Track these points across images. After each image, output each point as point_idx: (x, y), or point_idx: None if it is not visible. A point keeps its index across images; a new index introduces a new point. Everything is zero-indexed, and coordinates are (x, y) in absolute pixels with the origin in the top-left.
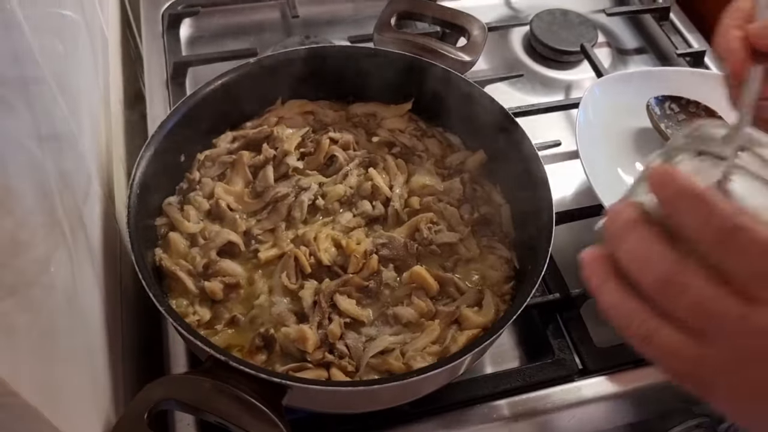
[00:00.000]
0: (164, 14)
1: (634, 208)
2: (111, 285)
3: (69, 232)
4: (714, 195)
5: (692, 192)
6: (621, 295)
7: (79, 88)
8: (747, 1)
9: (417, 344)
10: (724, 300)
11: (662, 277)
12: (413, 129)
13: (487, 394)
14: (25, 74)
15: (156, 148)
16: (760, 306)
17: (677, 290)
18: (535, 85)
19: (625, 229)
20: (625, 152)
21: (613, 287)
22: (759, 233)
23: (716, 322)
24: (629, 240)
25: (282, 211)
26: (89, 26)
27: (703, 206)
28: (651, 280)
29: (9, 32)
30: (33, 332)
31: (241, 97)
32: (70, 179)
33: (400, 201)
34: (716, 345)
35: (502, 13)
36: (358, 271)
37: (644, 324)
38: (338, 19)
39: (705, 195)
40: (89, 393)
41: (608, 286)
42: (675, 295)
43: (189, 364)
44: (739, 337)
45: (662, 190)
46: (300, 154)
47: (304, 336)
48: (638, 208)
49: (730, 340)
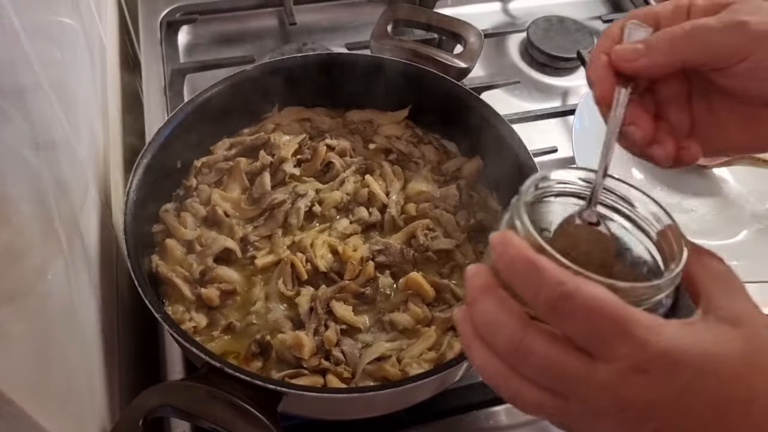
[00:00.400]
0: (162, 22)
1: (484, 272)
2: (107, 292)
3: (66, 239)
4: (543, 262)
5: (523, 260)
6: (485, 356)
7: (77, 96)
8: (617, 27)
9: (413, 351)
10: (568, 360)
11: (508, 342)
12: (410, 136)
13: (484, 401)
14: (22, 82)
15: (153, 155)
16: (599, 363)
17: (524, 354)
18: (531, 92)
19: (477, 294)
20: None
21: (479, 348)
22: (583, 297)
23: (565, 381)
24: (480, 306)
25: (279, 218)
26: (87, 34)
27: (534, 275)
28: (500, 345)
29: (6, 40)
30: (29, 340)
31: (238, 104)
32: (67, 187)
33: (396, 207)
34: (570, 400)
35: (498, 19)
36: (355, 277)
37: (508, 383)
38: (335, 26)
39: (535, 263)
40: (85, 400)
41: (474, 346)
42: (523, 359)
43: (185, 371)
44: (587, 392)
45: (499, 259)
46: (297, 161)
47: (300, 342)
48: (488, 273)
49: (579, 395)
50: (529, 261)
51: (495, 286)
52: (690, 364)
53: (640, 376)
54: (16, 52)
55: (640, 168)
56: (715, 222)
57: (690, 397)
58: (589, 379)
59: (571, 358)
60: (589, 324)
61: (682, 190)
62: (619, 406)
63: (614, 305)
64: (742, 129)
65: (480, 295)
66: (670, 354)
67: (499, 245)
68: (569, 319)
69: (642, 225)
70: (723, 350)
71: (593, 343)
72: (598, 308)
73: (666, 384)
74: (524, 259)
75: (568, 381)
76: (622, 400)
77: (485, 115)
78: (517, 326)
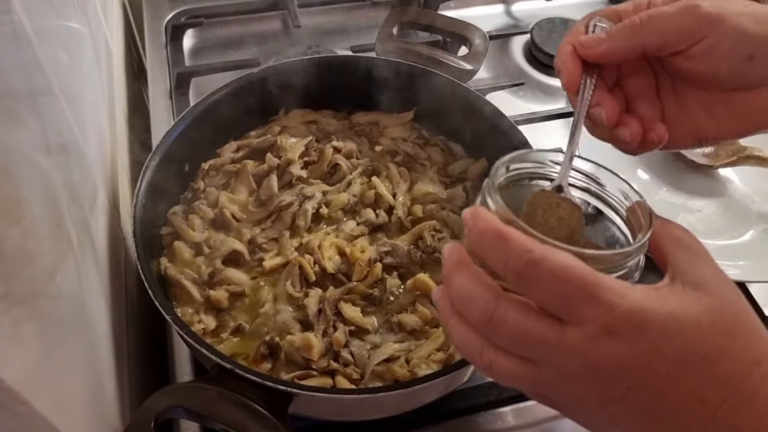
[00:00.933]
0: (167, 25)
1: (458, 250)
2: (116, 294)
3: (76, 242)
4: (511, 233)
5: (492, 232)
6: (462, 330)
7: (85, 100)
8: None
9: (421, 351)
10: (539, 327)
11: (482, 313)
12: (416, 137)
13: (492, 401)
14: (34, 86)
15: (161, 158)
16: (569, 327)
17: (496, 324)
18: (536, 93)
19: (451, 270)
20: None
21: (456, 323)
22: (550, 264)
23: (537, 347)
24: (454, 281)
25: (286, 220)
26: (94, 38)
27: (502, 245)
28: (474, 317)
29: (18, 44)
30: (41, 341)
31: (244, 106)
32: (77, 190)
33: (403, 209)
34: (543, 367)
35: (502, 21)
36: (363, 278)
37: (483, 355)
38: (340, 28)
39: (503, 233)
40: (96, 401)
41: (452, 322)
42: (496, 329)
43: (194, 373)
44: (558, 357)
45: (470, 233)
46: (303, 163)
47: (309, 344)
48: (462, 250)
49: (551, 361)
50: (498, 232)
51: (468, 261)
52: (656, 323)
53: (608, 338)
54: (28, 57)
55: (645, 169)
56: (721, 222)
57: (658, 355)
58: (559, 344)
59: (541, 325)
60: (557, 290)
61: (687, 191)
62: (590, 368)
63: (581, 271)
64: (709, 117)
65: (454, 271)
66: (637, 315)
67: (470, 220)
68: (537, 286)
69: (612, 203)
70: (687, 312)
71: (562, 309)
72: (565, 274)
73: (634, 344)
74: (493, 230)
75: (539, 347)
76: (593, 363)
77: (491, 117)
78: (490, 297)
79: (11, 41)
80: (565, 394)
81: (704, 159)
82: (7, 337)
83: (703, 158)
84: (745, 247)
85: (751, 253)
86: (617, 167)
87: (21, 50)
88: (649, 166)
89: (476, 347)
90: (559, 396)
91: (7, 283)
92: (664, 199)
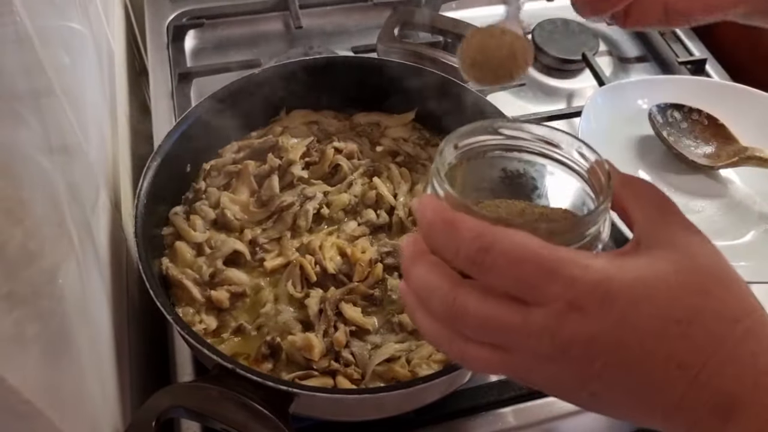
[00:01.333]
0: (169, 26)
1: (415, 241)
2: (117, 294)
3: (78, 242)
4: (458, 219)
5: (440, 221)
6: (427, 323)
7: (87, 100)
8: None
9: (422, 352)
10: (502, 312)
11: (442, 304)
12: (417, 138)
13: (493, 402)
14: (36, 87)
15: (162, 158)
16: (533, 308)
17: (459, 314)
18: (537, 94)
19: (409, 263)
20: (628, 160)
21: (421, 317)
22: (502, 246)
23: (503, 334)
24: (413, 273)
25: (287, 220)
26: (96, 39)
27: (451, 233)
28: (436, 309)
29: (20, 45)
30: (43, 341)
31: (245, 107)
32: (78, 191)
33: (404, 209)
34: (514, 352)
35: None
36: (364, 279)
37: (452, 345)
38: (342, 29)
39: (450, 221)
40: (97, 401)
41: (418, 315)
42: (459, 319)
43: (195, 373)
44: (527, 340)
45: (420, 225)
46: (305, 164)
47: (310, 344)
48: (419, 240)
49: (521, 345)
50: (446, 220)
51: (424, 251)
52: (623, 292)
53: (574, 313)
54: (30, 57)
55: (646, 170)
56: (722, 223)
57: (628, 326)
58: (525, 327)
59: (504, 309)
60: (514, 271)
61: (689, 191)
62: (560, 347)
63: (536, 248)
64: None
65: (411, 263)
66: (602, 285)
67: (418, 210)
68: (493, 271)
69: (572, 166)
70: (655, 274)
71: (523, 290)
72: (520, 254)
73: (602, 316)
74: (441, 219)
75: (506, 333)
76: (563, 341)
77: (492, 118)
78: (448, 287)
79: (13, 42)
80: (541, 375)
81: (705, 159)
82: (9, 337)
83: (704, 159)
84: (746, 248)
85: (753, 253)
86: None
87: (23, 51)
88: (650, 167)
89: (444, 340)
90: (537, 378)
91: (9, 283)
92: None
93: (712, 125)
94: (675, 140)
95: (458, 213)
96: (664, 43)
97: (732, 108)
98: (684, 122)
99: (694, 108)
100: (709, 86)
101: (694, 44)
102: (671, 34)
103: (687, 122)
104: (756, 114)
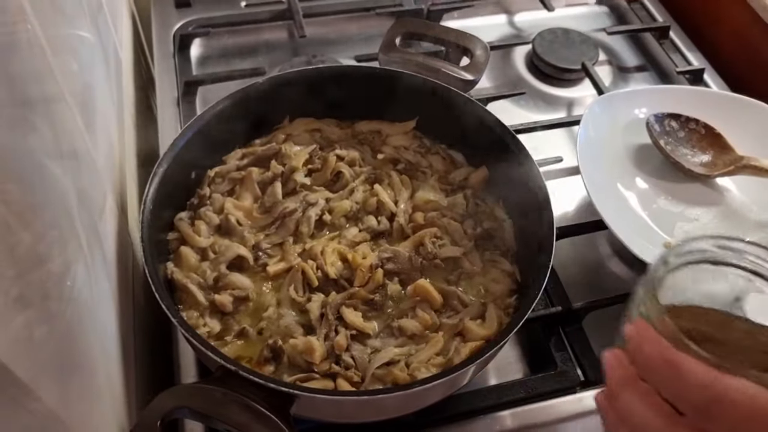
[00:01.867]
0: (175, 35)
1: (623, 362)
2: (124, 297)
3: (86, 246)
4: (682, 363)
5: (661, 360)
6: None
7: (95, 108)
8: None
9: (421, 356)
10: None
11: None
12: (417, 146)
13: (491, 405)
14: (46, 94)
15: (168, 165)
16: None
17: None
18: (537, 103)
19: (618, 386)
20: (625, 168)
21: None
22: (732, 398)
23: None
24: (622, 398)
25: (290, 226)
26: (104, 47)
27: (674, 377)
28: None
29: (32, 53)
30: (52, 342)
31: (249, 115)
32: (87, 196)
33: (404, 216)
34: None
35: (504, 32)
36: (364, 284)
37: None
38: (344, 38)
39: (674, 364)
40: (105, 401)
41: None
42: None
43: (198, 375)
44: None
45: (635, 354)
46: (307, 171)
47: (312, 347)
48: (627, 363)
49: None
50: (668, 361)
51: (635, 378)
52: None
53: None
54: (41, 64)
55: (643, 177)
56: (719, 231)
57: None
58: None
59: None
60: (742, 425)
61: (685, 200)
62: None
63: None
64: None
65: (621, 389)
66: None
67: (634, 339)
68: (721, 421)
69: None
70: None
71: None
72: (749, 411)
73: None
74: (661, 358)
75: None
76: None
77: (491, 126)
78: (663, 425)
79: (26, 50)
80: None
81: (702, 168)
82: (20, 339)
83: (700, 167)
84: None
85: None
86: (616, 174)
87: (34, 58)
88: (647, 175)
89: None
90: None
91: (19, 285)
92: (662, 208)
93: (709, 134)
94: (672, 149)
95: (681, 354)
96: (663, 53)
97: (729, 117)
98: (681, 131)
99: (691, 117)
100: (707, 96)
101: (692, 54)
102: (670, 43)
103: (684, 131)
104: (753, 123)
